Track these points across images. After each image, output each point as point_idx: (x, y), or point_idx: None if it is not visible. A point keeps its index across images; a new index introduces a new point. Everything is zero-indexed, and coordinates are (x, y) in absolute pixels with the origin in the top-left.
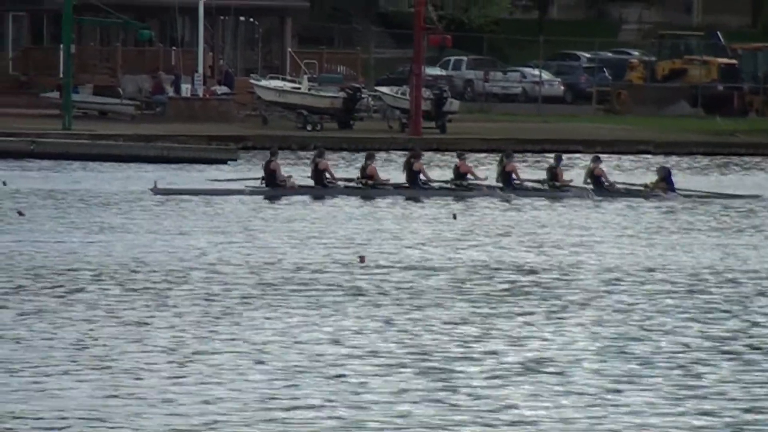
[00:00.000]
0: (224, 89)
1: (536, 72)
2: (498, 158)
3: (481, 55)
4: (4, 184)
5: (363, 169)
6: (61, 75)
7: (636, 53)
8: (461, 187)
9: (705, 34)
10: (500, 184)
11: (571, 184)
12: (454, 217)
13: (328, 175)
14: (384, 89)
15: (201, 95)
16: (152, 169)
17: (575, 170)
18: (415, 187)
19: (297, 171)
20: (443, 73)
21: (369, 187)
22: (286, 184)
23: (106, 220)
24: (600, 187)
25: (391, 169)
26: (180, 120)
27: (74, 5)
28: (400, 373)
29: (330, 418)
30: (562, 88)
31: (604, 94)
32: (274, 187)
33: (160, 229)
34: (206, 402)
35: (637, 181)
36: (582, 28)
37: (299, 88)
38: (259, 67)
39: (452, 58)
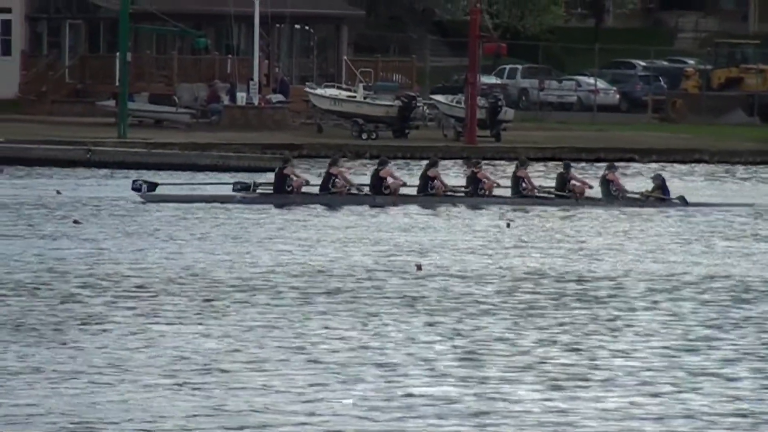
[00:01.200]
0: (279, 97)
1: (591, 80)
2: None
3: (537, 64)
4: (59, 192)
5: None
6: (117, 83)
7: (692, 62)
8: (475, 195)
9: (761, 42)
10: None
11: (580, 191)
12: (508, 225)
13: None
14: (439, 97)
15: (256, 104)
16: (203, 177)
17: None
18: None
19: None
20: (498, 81)
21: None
22: (294, 189)
23: (159, 228)
24: (608, 194)
25: (451, 177)
26: (235, 128)
27: (131, 13)
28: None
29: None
30: (618, 96)
31: (659, 102)
32: (282, 193)
33: (211, 237)
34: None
35: (633, 189)
36: (638, 37)
37: (355, 97)
38: (314, 76)
39: (507, 67)
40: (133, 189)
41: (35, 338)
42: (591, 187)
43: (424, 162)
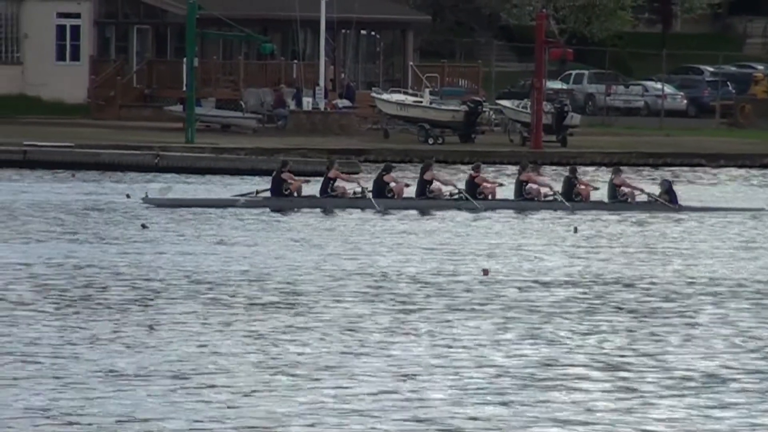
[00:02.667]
0: (345, 103)
1: (659, 86)
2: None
3: (603, 69)
4: (128, 197)
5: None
6: (185, 88)
7: (760, 67)
8: (474, 198)
9: None
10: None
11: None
12: (575, 230)
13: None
14: (505, 103)
15: (322, 108)
16: (258, 181)
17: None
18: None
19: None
20: (564, 86)
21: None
22: (292, 191)
23: (224, 233)
24: (616, 198)
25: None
26: (301, 133)
27: (197, 19)
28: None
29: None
30: (685, 101)
31: (727, 107)
32: (280, 197)
33: (268, 242)
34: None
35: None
36: (706, 42)
37: (421, 102)
38: (380, 81)
39: (573, 72)
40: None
41: (108, 340)
42: (597, 188)
43: (500, 168)
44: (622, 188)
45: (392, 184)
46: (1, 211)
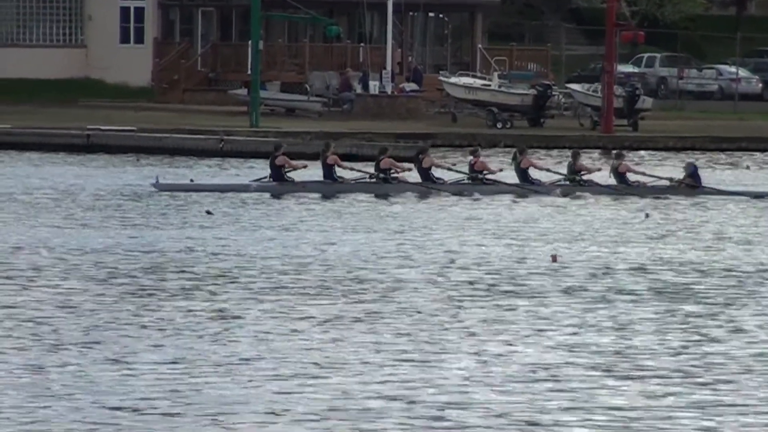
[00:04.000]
0: (413, 86)
1: (733, 69)
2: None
3: (675, 52)
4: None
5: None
6: (249, 71)
7: None
8: (478, 182)
9: None
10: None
11: (593, 178)
12: (647, 216)
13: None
14: (575, 86)
15: (389, 92)
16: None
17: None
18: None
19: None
20: (636, 70)
21: (383, 181)
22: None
23: (283, 221)
24: (625, 184)
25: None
26: (367, 117)
27: (262, 1)
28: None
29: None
30: (760, 85)
31: None
32: (281, 182)
33: (335, 228)
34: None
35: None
36: None
37: (489, 85)
38: (448, 64)
39: (645, 55)
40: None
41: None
42: (600, 169)
43: (562, 152)
44: (628, 174)
45: (393, 170)
46: (65, 196)
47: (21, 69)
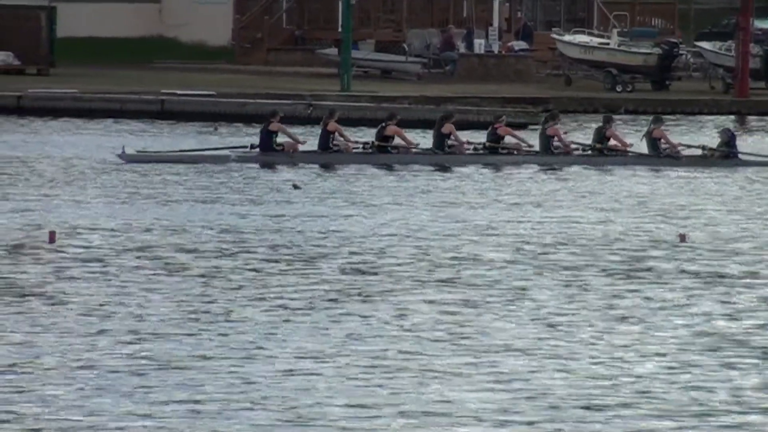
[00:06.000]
0: (522, 45)
1: None
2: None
3: None
4: (296, 187)
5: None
6: (340, 29)
7: None
8: (496, 152)
9: None
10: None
11: (628, 148)
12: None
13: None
14: (705, 45)
15: (496, 52)
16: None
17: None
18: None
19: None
20: None
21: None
22: (285, 148)
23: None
24: (657, 151)
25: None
26: (472, 80)
27: None
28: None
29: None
30: None
31: None
32: (269, 152)
33: (437, 202)
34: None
35: (692, 144)
36: None
37: (608, 44)
38: (561, 20)
39: None
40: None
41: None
42: (630, 145)
43: (688, 117)
44: (662, 141)
45: (397, 139)
46: (137, 168)
47: (88, 27)
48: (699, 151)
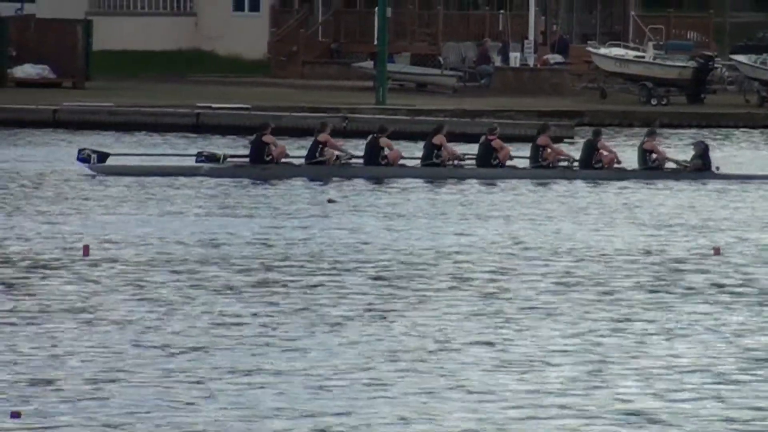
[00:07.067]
0: (558, 58)
1: None
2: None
3: None
4: (330, 201)
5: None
6: (376, 42)
7: None
8: (489, 164)
9: None
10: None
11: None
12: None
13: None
14: (741, 58)
15: (532, 65)
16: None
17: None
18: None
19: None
20: None
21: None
22: (274, 158)
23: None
24: (645, 164)
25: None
26: (507, 93)
27: None
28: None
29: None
30: None
31: None
32: (260, 164)
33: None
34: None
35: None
36: None
37: (643, 57)
38: (597, 33)
39: None
40: (80, 160)
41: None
42: (619, 162)
43: (726, 132)
44: (653, 154)
45: (386, 150)
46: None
47: (125, 40)
48: (674, 165)
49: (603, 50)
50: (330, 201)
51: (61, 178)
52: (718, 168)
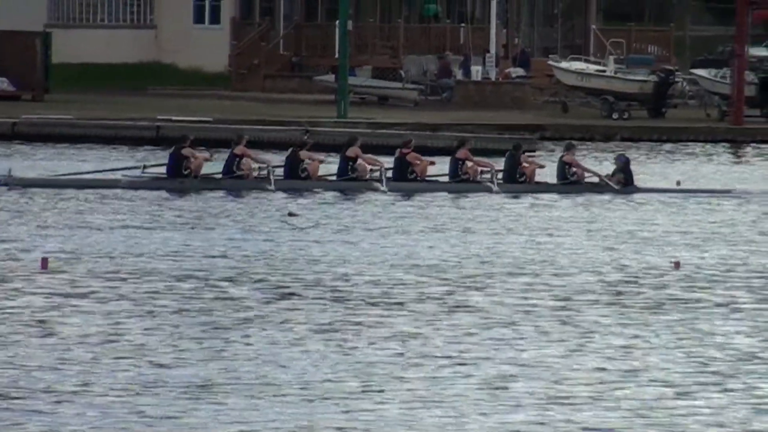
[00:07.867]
0: (519, 71)
1: None
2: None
3: None
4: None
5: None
6: (337, 56)
7: None
8: (404, 178)
9: None
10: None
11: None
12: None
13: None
14: (701, 72)
15: (493, 78)
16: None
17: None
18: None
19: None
20: None
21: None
22: (192, 171)
23: (378, 223)
24: (564, 178)
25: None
26: (469, 106)
27: None
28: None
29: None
30: None
31: None
32: (177, 177)
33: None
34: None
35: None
36: None
37: (604, 71)
38: (558, 47)
39: None
40: None
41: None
42: (543, 166)
43: (681, 144)
44: (573, 168)
45: (306, 162)
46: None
47: (84, 53)
48: (596, 179)
49: (564, 64)
50: (291, 214)
51: None
52: (679, 183)
